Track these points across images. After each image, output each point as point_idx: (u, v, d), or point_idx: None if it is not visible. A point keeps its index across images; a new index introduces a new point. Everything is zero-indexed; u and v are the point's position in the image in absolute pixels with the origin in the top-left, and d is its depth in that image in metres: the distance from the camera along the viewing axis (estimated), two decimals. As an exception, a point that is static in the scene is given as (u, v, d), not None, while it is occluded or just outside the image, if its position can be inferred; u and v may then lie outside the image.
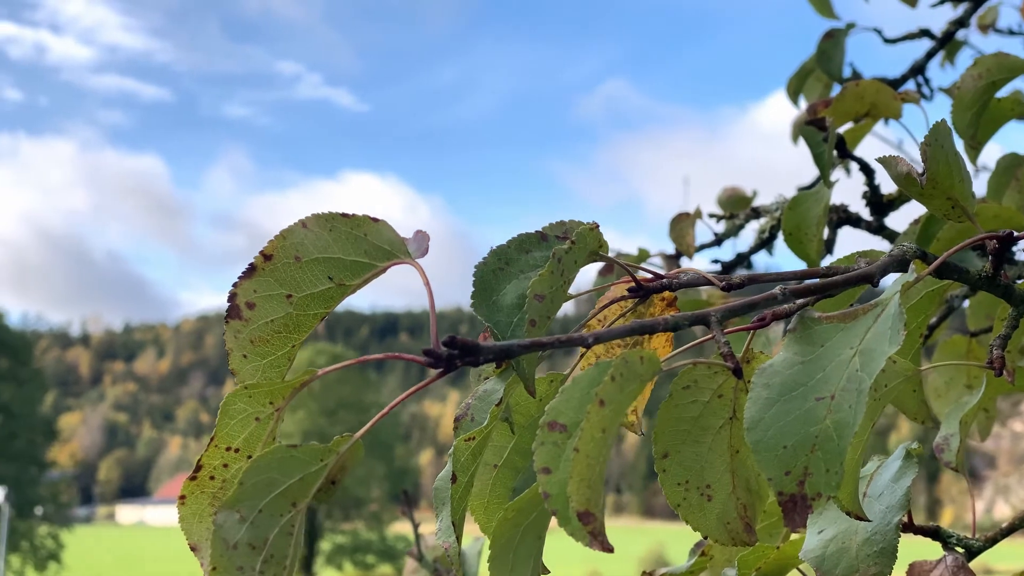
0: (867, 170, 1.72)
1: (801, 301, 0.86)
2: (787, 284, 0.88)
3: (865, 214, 1.79)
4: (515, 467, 0.96)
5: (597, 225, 0.86)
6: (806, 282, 0.89)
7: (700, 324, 0.82)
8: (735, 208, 2.20)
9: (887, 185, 1.77)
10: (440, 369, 0.73)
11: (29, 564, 36.49)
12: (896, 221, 1.80)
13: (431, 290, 0.78)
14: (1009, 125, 1.58)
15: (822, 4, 2.59)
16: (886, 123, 2.03)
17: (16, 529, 35.79)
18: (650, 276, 0.94)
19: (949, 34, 2.47)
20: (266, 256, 0.84)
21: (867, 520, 0.98)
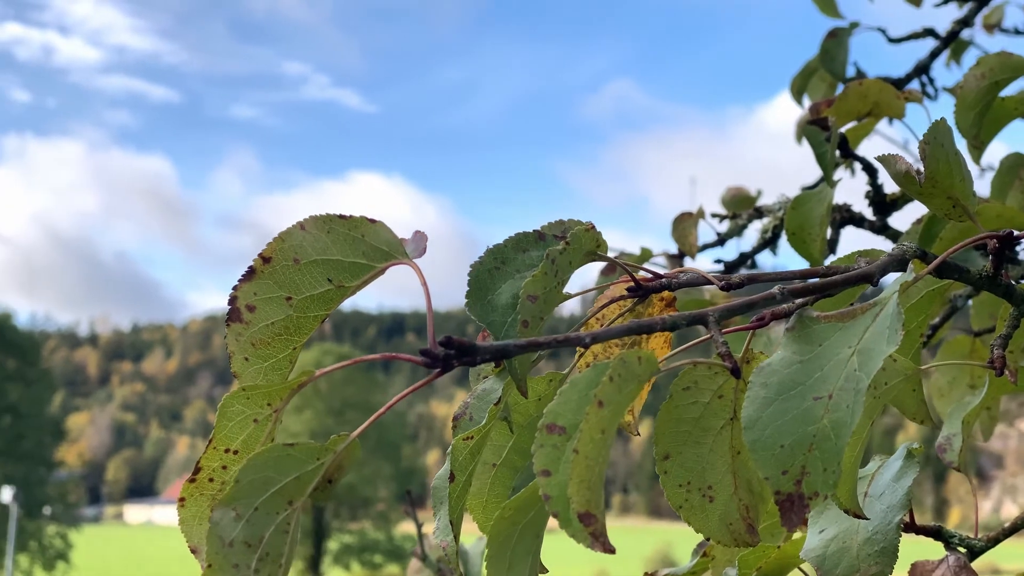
0: (870, 169, 1.72)
1: (800, 301, 0.86)
2: (786, 284, 0.87)
3: (868, 214, 1.78)
4: (514, 466, 0.96)
5: (593, 225, 0.86)
6: (805, 282, 0.89)
7: (698, 324, 0.81)
8: (739, 208, 2.20)
9: (890, 185, 1.77)
10: (437, 369, 0.73)
11: (37, 564, 36.55)
12: (899, 221, 1.79)
13: (428, 290, 0.78)
14: (1013, 124, 1.57)
15: (827, 3, 2.58)
16: (890, 123, 2.03)
17: (24, 529, 35.86)
18: (649, 276, 0.94)
19: (953, 33, 2.47)
20: (265, 259, 0.84)
21: (866, 518, 0.97)
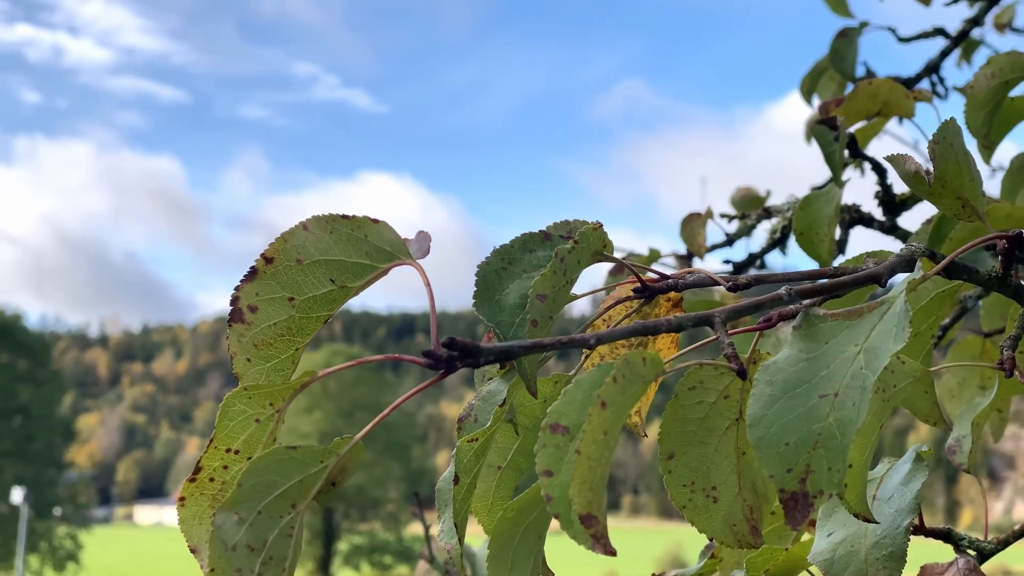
0: (879, 169, 1.71)
1: (808, 302, 0.85)
2: (793, 285, 0.87)
3: (878, 214, 1.77)
4: (519, 468, 0.95)
5: (601, 224, 0.85)
6: (813, 283, 0.88)
7: (704, 325, 0.81)
8: (748, 208, 2.19)
9: (899, 185, 1.76)
10: (441, 371, 0.72)
11: (48, 564, 36.66)
12: (909, 221, 1.78)
13: (431, 291, 0.77)
14: (1023, 124, 1.56)
15: (837, 3, 2.57)
16: (900, 122, 2.02)
17: (35, 530, 35.97)
18: (656, 277, 0.93)
19: (964, 33, 2.46)
20: (267, 259, 0.83)
21: (875, 522, 0.96)
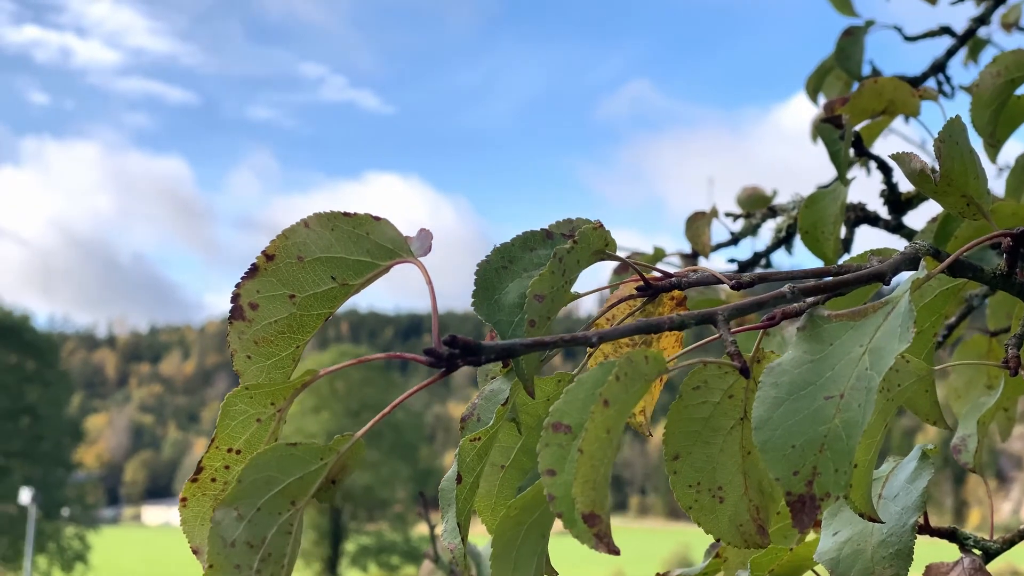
0: (885, 168, 1.71)
1: (811, 300, 0.84)
2: (797, 283, 0.86)
3: (883, 213, 1.77)
4: (522, 468, 0.95)
5: (601, 223, 0.85)
6: (816, 280, 0.88)
7: (706, 323, 0.80)
8: (754, 207, 2.19)
9: (905, 184, 1.75)
10: (442, 369, 0.72)
11: (56, 565, 36.72)
12: (915, 220, 1.78)
13: (433, 289, 0.77)
14: (1029, 123, 1.56)
15: (842, 2, 2.57)
16: (906, 121, 2.01)
17: (43, 530, 36.03)
18: (659, 275, 0.93)
19: (970, 31, 2.45)
20: (268, 256, 0.83)
21: (880, 521, 0.96)
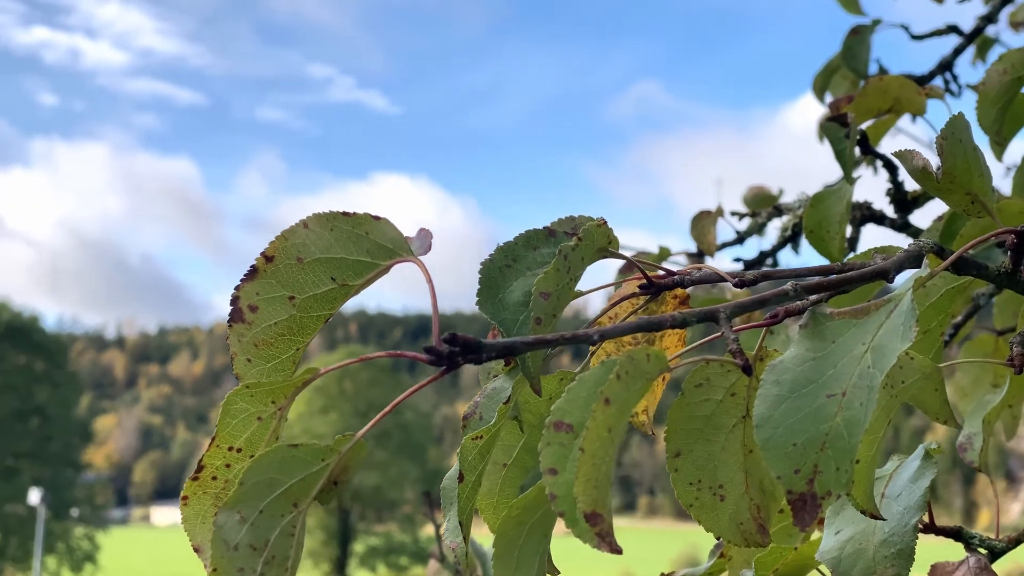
0: (891, 167, 1.70)
1: (814, 297, 0.84)
2: (799, 280, 0.86)
3: (890, 211, 1.77)
4: (525, 466, 0.95)
5: (604, 221, 0.84)
6: (819, 278, 0.87)
7: (708, 320, 0.80)
8: (760, 207, 2.19)
9: (912, 182, 1.75)
10: (443, 367, 0.72)
11: (65, 565, 36.80)
12: (922, 218, 1.77)
13: (433, 287, 0.77)
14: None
15: (849, 1, 2.56)
16: (913, 120, 2.01)
17: (52, 531, 36.11)
18: (662, 273, 0.93)
19: (978, 30, 2.45)
20: (268, 258, 0.83)
21: (882, 519, 0.96)
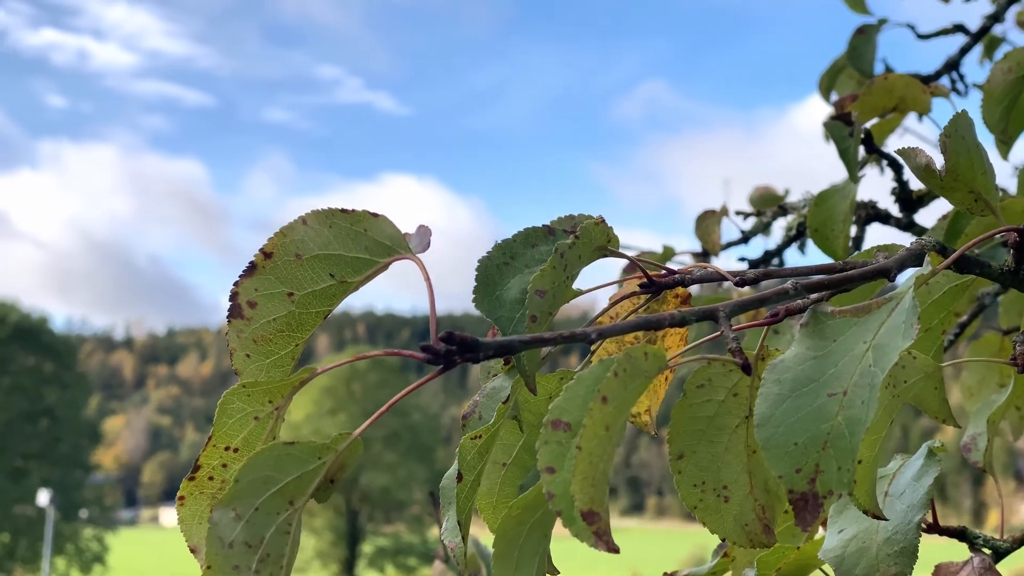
0: (896, 165, 1.70)
1: (815, 296, 0.84)
2: (800, 279, 0.85)
3: (895, 210, 1.76)
4: (524, 466, 0.94)
5: (603, 219, 0.84)
6: (820, 277, 0.87)
7: (708, 319, 0.80)
8: (765, 206, 2.18)
9: (917, 181, 1.74)
10: (440, 366, 0.71)
11: (74, 566, 36.87)
12: (927, 217, 1.77)
13: (431, 285, 0.77)
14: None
15: (855, 0, 2.55)
16: (920, 120, 2.00)
17: (61, 532, 36.18)
18: (663, 272, 0.92)
19: (984, 29, 2.43)
20: (266, 254, 0.83)
21: (884, 518, 0.95)
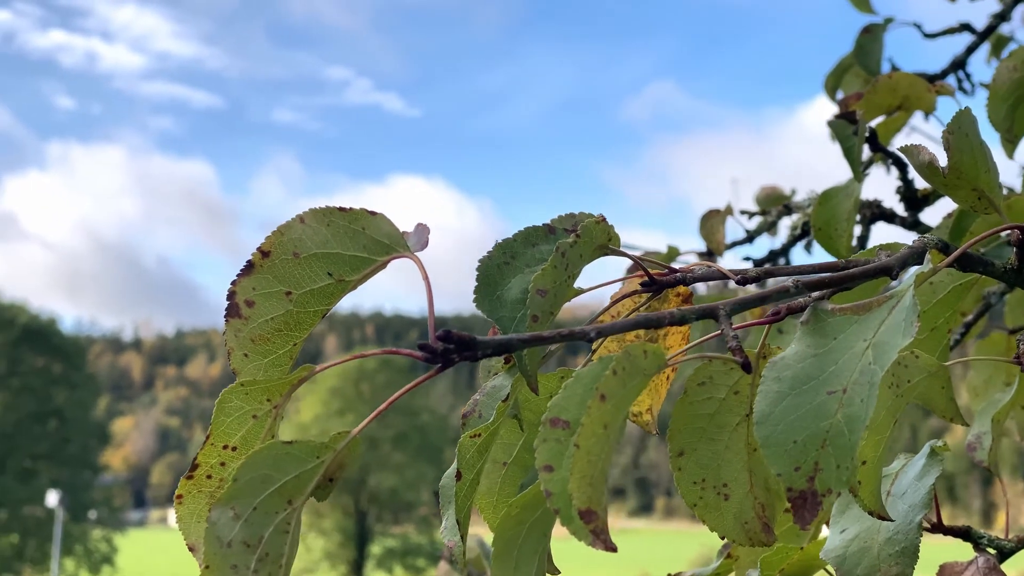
0: (901, 164, 1.69)
1: (816, 294, 0.83)
2: (802, 277, 0.85)
3: (900, 210, 1.75)
4: (524, 464, 0.94)
5: (604, 217, 0.84)
6: (822, 275, 0.86)
7: (708, 318, 0.79)
8: (771, 206, 2.18)
9: (923, 180, 1.73)
10: (438, 364, 0.71)
11: (83, 567, 36.93)
12: (933, 217, 1.76)
13: (429, 284, 0.77)
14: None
15: (860, 0, 2.55)
16: (926, 119, 1.99)
17: (70, 533, 36.24)
18: (664, 270, 0.92)
19: (991, 28, 2.43)
20: (264, 253, 0.82)
21: (889, 519, 0.95)
